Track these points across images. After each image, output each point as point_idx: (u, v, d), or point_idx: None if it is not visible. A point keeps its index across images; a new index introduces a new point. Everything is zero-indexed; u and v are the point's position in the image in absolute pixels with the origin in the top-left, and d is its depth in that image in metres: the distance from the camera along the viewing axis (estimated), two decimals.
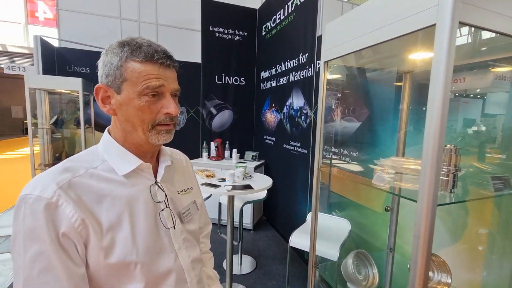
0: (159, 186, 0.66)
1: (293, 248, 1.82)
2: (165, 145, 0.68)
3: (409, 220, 1.31)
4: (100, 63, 0.60)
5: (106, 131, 0.65)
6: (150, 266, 0.60)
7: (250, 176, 2.27)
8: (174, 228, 0.66)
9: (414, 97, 1.22)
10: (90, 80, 3.24)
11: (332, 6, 3.17)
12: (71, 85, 2.66)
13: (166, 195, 0.67)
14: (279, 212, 3.41)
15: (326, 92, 2.35)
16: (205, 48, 3.80)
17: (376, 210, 1.74)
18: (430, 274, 1.01)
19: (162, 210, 0.65)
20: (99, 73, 0.60)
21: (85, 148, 2.88)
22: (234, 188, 1.86)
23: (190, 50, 4.04)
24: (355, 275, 0.94)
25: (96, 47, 3.42)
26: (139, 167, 0.62)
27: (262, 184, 2.00)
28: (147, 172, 0.65)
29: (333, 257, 1.61)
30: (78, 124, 2.97)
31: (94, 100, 3.37)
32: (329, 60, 0.97)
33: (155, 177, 0.67)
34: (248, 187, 1.88)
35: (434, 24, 0.58)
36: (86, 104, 3.19)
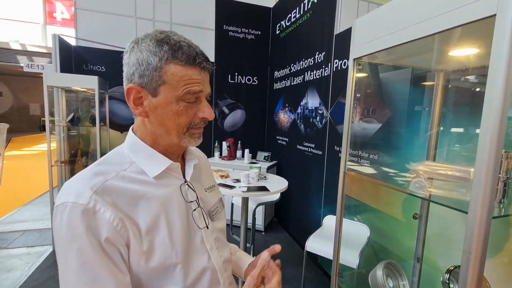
0: (189, 186, 0.64)
1: (303, 248, 1.76)
2: None
3: (438, 228, 1.23)
4: (130, 60, 0.55)
5: (130, 131, 0.62)
6: (188, 267, 0.58)
7: (265, 177, 2.22)
8: (207, 228, 0.64)
9: (446, 97, 1.14)
10: (105, 78, 3.28)
11: (347, 5, 3.08)
12: (87, 83, 2.68)
13: (196, 194, 0.65)
14: (291, 214, 3.35)
15: (343, 92, 2.27)
16: (219, 47, 3.78)
17: (396, 216, 1.66)
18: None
19: (194, 210, 0.63)
20: (129, 71, 0.55)
21: (100, 145, 2.92)
22: (249, 189, 1.82)
23: (204, 49, 3.96)
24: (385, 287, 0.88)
25: (111, 45, 3.46)
26: (169, 167, 0.60)
27: (277, 186, 1.95)
28: (177, 172, 0.63)
29: (351, 264, 1.55)
30: (93, 122, 3.00)
31: (109, 98, 3.41)
32: (359, 57, 0.91)
33: (183, 176, 0.65)
34: (263, 188, 1.84)
35: (494, 15, 0.52)
36: (102, 102, 3.22)
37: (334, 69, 2.47)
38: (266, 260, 0.57)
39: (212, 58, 3.81)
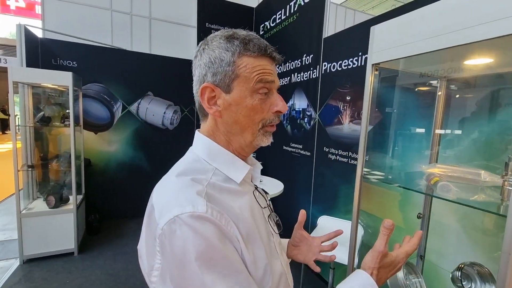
0: (259, 191, 0.63)
1: None
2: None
3: (439, 227, 1.30)
4: (202, 61, 0.54)
5: (201, 135, 0.58)
6: (272, 275, 0.56)
7: (261, 180, 2.19)
8: (281, 233, 0.65)
9: (448, 103, 1.21)
10: (78, 74, 3.01)
11: (332, 10, 3.16)
12: (60, 79, 2.44)
13: (266, 200, 0.64)
14: (279, 215, 3.36)
15: (333, 95, 2.31)
16: None
17: (396, 216, 1.73)
18: (472, 284, 0.99)
19: (269, 216, 0.62)
20: (201, 73, 0.54)
21: (75, 147, 2.68)
22: None
23: (185, 47, 3.90)
24: None
25: (84, 39, 3.19)
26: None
27: (274, 188, 1.93)
28: (248, 177, 0.60)
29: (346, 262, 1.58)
30: (65, 122, 2.74)
31: (83, 96, 3.14)
32: (379, 63, 0.93)
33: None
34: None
35: None
36: (75, 100, 2.95)
37: (323, 72, 2.52)
38: (389, 229, 0.61)
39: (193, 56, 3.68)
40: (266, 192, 0.69)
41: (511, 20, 0.59)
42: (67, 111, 2.77)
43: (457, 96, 1.22)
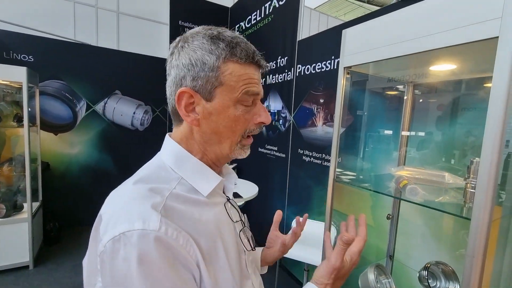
0: (231, 204, 0.58)
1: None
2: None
3: (406, 227, 1.35)
4: (180, 60, 0.48)
5: (171, 140, 0.53)
6: None
7: (235, 183, 2.14)
8: (253, 250, 0.60)
9: (414, 106, 1.25)
10: (34, 69, 2.75)
11: (307, 13, 3.21)
12: (12, 75, 2.20)
13: (239, 213, 0.59)
14: (253, 217, 3.33)
15: (306, 97, 2.34)
16: None
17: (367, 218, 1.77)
18: (437, 282, 1.03)
19: (240, 230, 0.57)
20: (179, 74, 0.48)
21: (29, 150, 2.43)
22: None
23: (156, 44, 3.74)
24: None
25: (42, 31, 2.93)
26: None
27: (249, 191, 1.89)
28: (220, 188, 0.56)
29: (318, 263, 1.59)
30: (18, 121, 2.48)
31: (40, 94, 2.88)
32: (350, 66, 0.93)
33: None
34: (236, 195, 1.76)
35: (496, 37, 0.57)
36: (30, 98, 2.69)
37: (297, 74, 2.54)
38: (349, 239, 0.58)
39: (165, 55, 3.54)
40: (241, 205, 0.66)
41: (474, 27, 0.61)
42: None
43: (422, 100, 1.27)
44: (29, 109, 2.38)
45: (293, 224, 0.59)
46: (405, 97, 1.23)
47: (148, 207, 0.42)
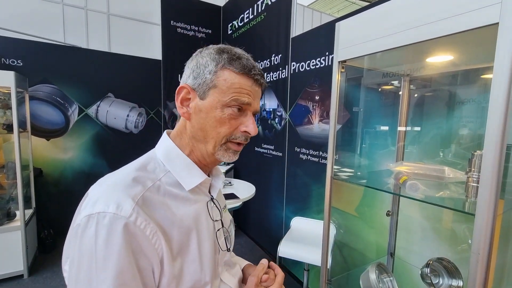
0: (214, 203, 0.62)
1: (265, 251, 1.72)
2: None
3: (406, 224, 1.33)
4: (190, 63, 0.57)
5: (166, 136, 0.59)
6: None
7: (230, 183, 2.11)
8: (228, 251, 0.63)
9: (410, 100, 1.23)
10: (24, 74, 2.69)
11: (299, 9, 3.19)
12: (0, 80, 2.14)
13: (220, 213, 0.63)
14: (252, 218, 3.31)
15: (302, 94, 2.31)
16: (166, 44, 3.50)
17: (364, 214, 1.75)
18: (440, 279, 1.01)
19: (218, 230, 0.61)
20: (186, 74, 0.57)
21: (20, 156, 2.38)
22: None
23: (149, 46, 3.69)
24: None
25: (31, 35, 2.86)
26: (202, 182, 0.58)
27: (246, 192, 1.86)
28: (205, 187, 0.60)
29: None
30: (8, 128, 2.43)
31: (31, 99, 2.82)
32: (345, 60, 0.90)
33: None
34: (232, 196, 1.73)
35: (497, 23, 0.54)
36: (20, 103, 2.63)
37: (292, 72, 2.51)
38: (264, 264, 0.61)
39: (159, 56, 3.50)
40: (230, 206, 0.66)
41: (473, 14, 0.59)
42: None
43: (419, 94, 1.25)
44: (20, 115, 2.33)
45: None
46: (401, 91, 1.21)
47: (126, 195, 0.46)
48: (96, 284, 0.42)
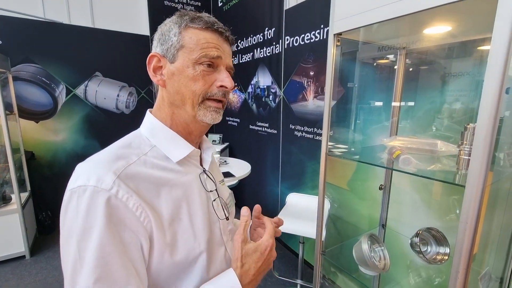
0: (207, 175, 0.62)
1: None
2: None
3: (398, 197, 1.37)
4: (156, 35, 0.58)
5: (148, 113, 0.60)
6: (211, 257, 0.57)
7: (225, 162, 2.12)
8: (227, 219, 0.64)
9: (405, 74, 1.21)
10: (4, 53, 2.55)
11: None
12: None
13: (215, 183, 0.64)
14: (247, 194, 3.37)
15: (296, 70, 2.26)
16: (153, 18, 3.33)
17: (356, 188, 1.79)
18: (428, 247, 1.06)
19: (214, 200, 0.62)
20: (154, 44, 0.58)
21: (9, 139, 2.32)
22: None
23: (135, 21, 3.50)
24: (372, 260, 0.94)
25: (8, 10, 2.67)
26: (189, 154, 0.58)
27: (241, 170, 1.88)
28: (196, 159, 0.61)
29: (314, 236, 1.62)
30: None
31: (14, 80, 2.70)
32: (340, 33, 0.87)
33: (200, 164, 0.63)
34: (228, 174, 1.75)
35: None
36: (3, 85, 2.52)
37: (285, 46, 2.43)
38: (246, 216, 0.57)
39: (146, 31, 3.34)
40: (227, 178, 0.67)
41: None
42: None
43: (414, 68, 1.23)
44: (5, 96, 2.24)
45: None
46: (396, 65, 1.18)
47: (107, 169, 0.46)
48: (78, 256, 0.42)
